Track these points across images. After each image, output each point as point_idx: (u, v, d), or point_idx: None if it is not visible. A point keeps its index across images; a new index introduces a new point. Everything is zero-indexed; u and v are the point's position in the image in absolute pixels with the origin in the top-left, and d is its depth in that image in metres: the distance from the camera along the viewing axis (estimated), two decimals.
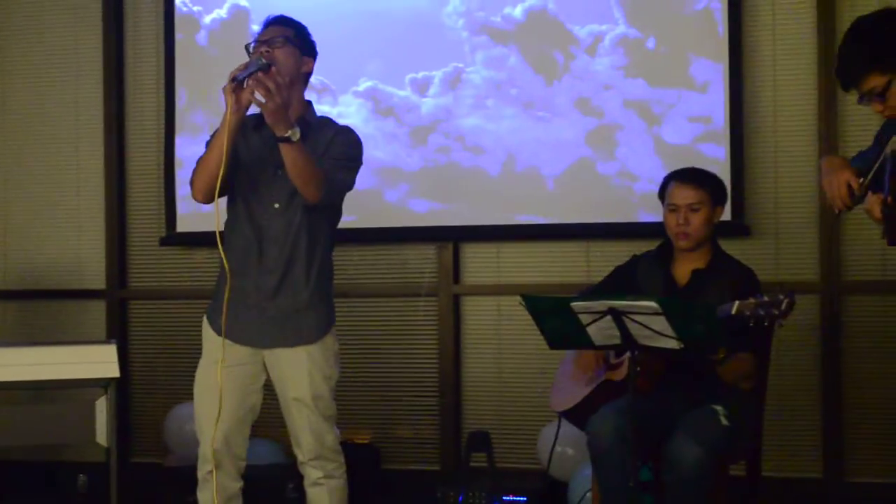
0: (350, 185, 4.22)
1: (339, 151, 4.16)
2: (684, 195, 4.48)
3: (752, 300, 3.89)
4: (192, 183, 4.10)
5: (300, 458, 4.20)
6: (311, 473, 4.18)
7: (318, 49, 4.30)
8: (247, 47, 4.12)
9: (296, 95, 4.18)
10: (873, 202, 3.44)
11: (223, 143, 3.93)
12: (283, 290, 4.13)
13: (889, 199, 3.39)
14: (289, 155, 3.91)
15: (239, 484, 4.21)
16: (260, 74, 3.83)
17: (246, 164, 4.17)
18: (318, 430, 4.14)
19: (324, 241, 4.23)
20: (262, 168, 4.16)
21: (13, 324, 6.79)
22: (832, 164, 3.73)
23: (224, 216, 4.26)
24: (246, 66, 3.92)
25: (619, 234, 5.84)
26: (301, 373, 4.12)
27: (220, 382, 4.02)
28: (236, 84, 3.91)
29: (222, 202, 4.17)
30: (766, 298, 3.87)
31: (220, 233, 4.09)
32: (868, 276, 5.66)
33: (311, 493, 4.21)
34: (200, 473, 4.16)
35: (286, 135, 3.87)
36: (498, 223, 6.07)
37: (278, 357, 4.16)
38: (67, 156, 6.80)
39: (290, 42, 4.15)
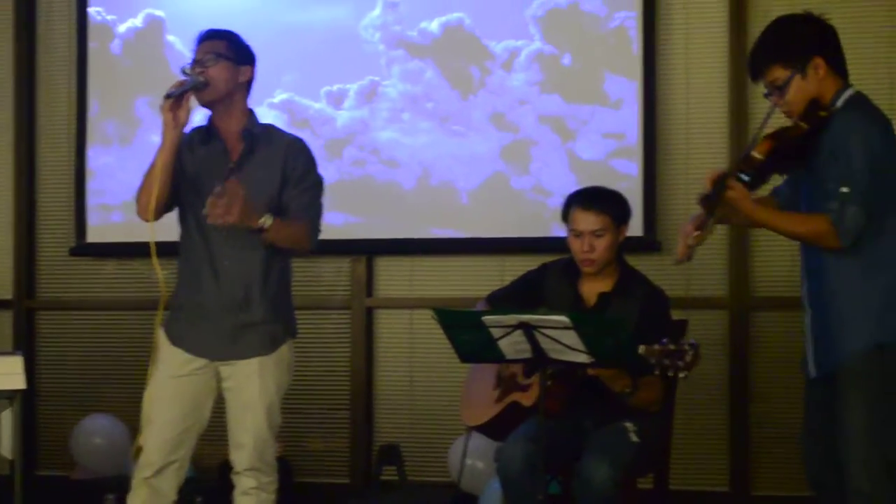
0: (322, 205, 4.27)
1: (307, 181, 4.19)
2: (588, 221, 4.41)
3: (657, 347, 3.86)
4: (136, 201, 4.10)
5: (237, 466, 4.15)
6: (245, 483, 4.14)
7: (255, 56, 4.30)
8: (183, 70, 4.12)
9: (238, 106, 4.20)
10: (710, 174, 3.65)
11: (161, 162, 4.00)
12: (241, 304, 4.13)
13: (724, 172, 3.60)
14: (272, 238, 4.02)
15: (174, 498, 4.16)
16: (208, 208, 3.87)
17: (193, 178, 4.17)
18: (262, 440, 4.12)
19: (283, 252, 4.22)
20: (211, 182, 4.10)
21: None
22: (694, 214, 3.82)
23: (165, 230, 4.22)
24: (181, 83, 4.01)
25: (532, 248, 5.84)
26: (253, 381, 4.12)
27: (153, 390, 4.09)
28: (172, 101, 3.96)
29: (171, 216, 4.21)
30: (671, 347, 3.87)
31: (174, 244, 4.17)
32: (776, 293, 5.74)
33: (239, 501, 4.16)
34: (137, 478, 4.11)
35: (258, 226, 3.95)
36: (412, 237, 6.08)
37: (233, 367, 4.15)
38: None
39: (221, 57, 4.15)
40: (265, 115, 6.08)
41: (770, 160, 3.64)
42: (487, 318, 3.90)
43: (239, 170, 4.14)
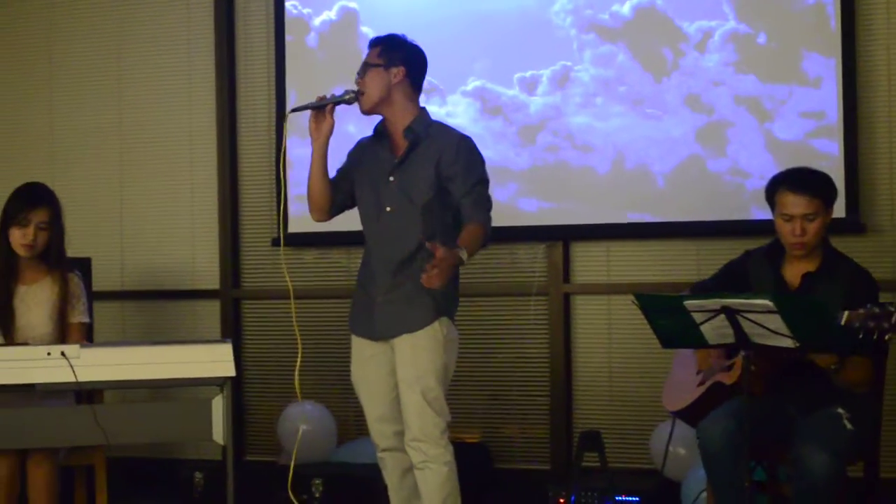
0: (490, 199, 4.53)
1: (471, 179, 4.45)
2: (800, 205, 4.34)
3: (861, 311, 3.80)
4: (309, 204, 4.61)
5: (406, 438, 4.41)
6: (413, 456, 4.40)
7: (418, 51, 4.58)
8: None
9: (399, 105, 4.50)
10: None
11: (313, 169, 4.57)
12: (395, 285, 4.44)
13: None
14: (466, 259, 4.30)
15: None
16: (424, 280, 4.15)
17: (365, 172, 4.56)
18: (419, 412, 4.36)
19: (441, 237, 4.36)
20: (380, 176, 4.50)
21: (131, 324, 6.93)
22: None
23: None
24: (322, 98, 4.46)
25: (730, 231, 5.76)
26: (405, 356, 4.39)
27: (353, 376, 4.62)
28: (316, 112, 4.43)
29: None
30: (876, 310, 3.78)
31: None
32: None
33: (417, 476, 4.43)
34: (378, 455, 4.58)
35: (461, 262, 4.25)
36: (608, 221, 6.05)
37: (393, 344, 4.44)
38: (181, 157, 6.92)
39: (370, 66, 4.47)
40: (458, 103, 6.22)
41: None
42: (690, 303, 3.88)
43: (400, 166, 4.45)
